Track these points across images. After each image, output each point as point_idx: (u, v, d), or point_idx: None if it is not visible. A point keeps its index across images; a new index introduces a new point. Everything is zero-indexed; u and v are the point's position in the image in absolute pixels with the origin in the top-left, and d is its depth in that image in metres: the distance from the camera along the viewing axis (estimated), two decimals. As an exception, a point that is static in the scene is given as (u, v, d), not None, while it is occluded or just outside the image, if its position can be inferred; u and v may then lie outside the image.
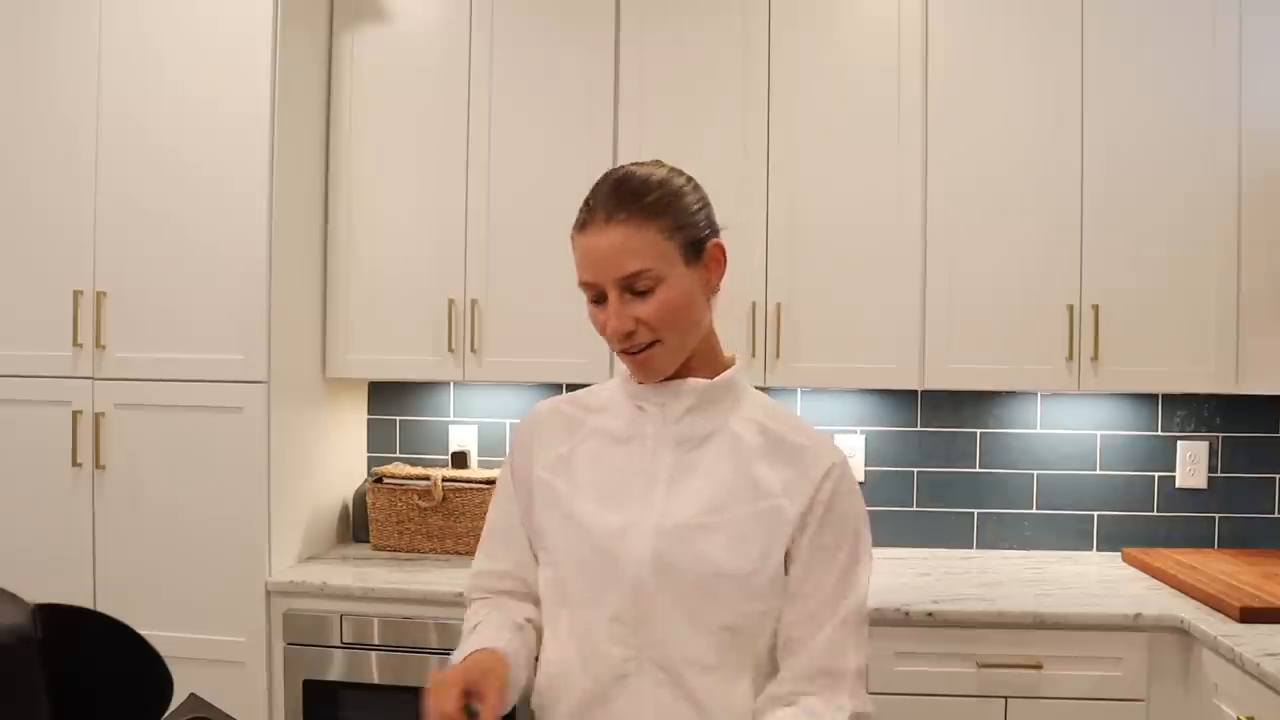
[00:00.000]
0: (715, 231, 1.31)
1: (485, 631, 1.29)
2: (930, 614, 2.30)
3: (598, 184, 1.27)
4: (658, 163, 1.32)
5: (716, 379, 1.30)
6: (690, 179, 1.32)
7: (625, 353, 1.26)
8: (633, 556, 1.24)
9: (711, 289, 1.29)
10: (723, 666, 1.23)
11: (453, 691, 1.13)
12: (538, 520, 1.35)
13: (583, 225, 1.24)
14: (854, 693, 1.21)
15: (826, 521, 1.25)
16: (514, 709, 1.32)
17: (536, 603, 1.37)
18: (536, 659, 1.35)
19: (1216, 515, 2.90)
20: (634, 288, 1.22)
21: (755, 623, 1.24)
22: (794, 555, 1.25)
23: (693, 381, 1.29)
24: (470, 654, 1.22)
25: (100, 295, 2.56)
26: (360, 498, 2.97)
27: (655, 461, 1.28)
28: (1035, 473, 2.94)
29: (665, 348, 1.25)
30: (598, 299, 1.25)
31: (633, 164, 1.31)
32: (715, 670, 1.23)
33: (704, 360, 1.31)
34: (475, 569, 1.42)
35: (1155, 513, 2.92)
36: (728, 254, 1.30)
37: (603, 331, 1.25)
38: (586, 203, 1.26)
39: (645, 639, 1.24)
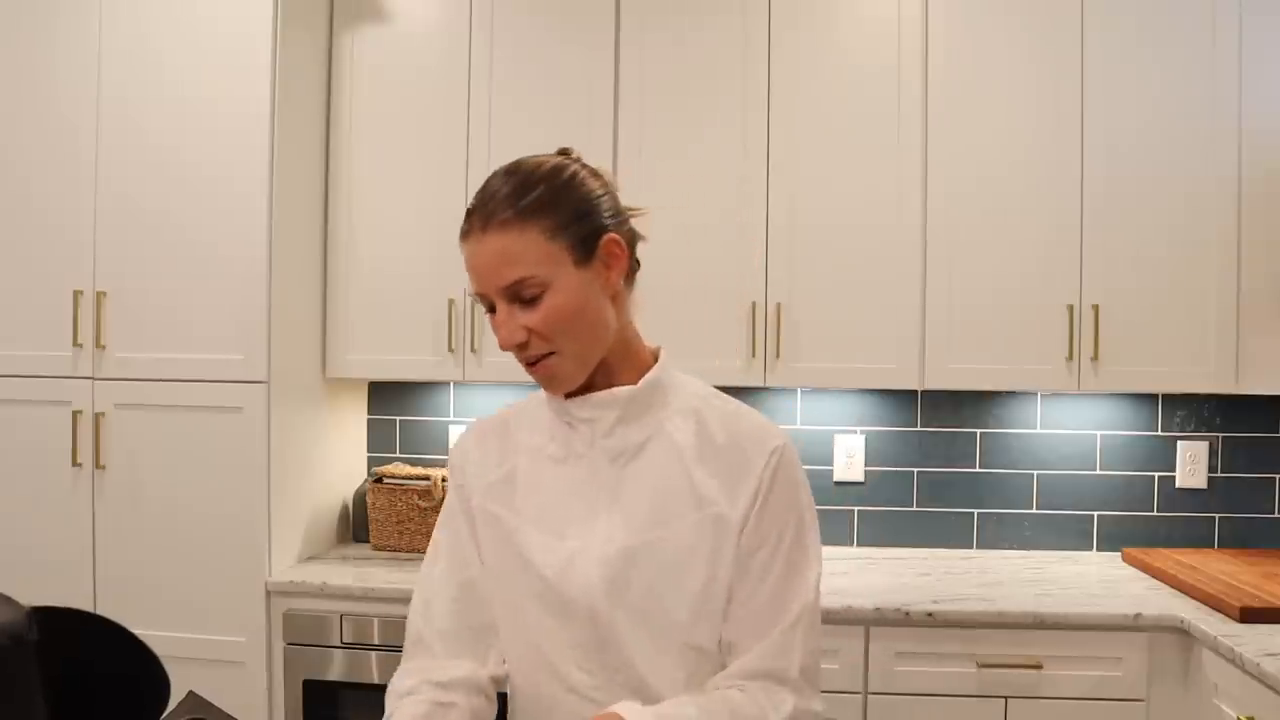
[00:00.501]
0: (621, 223, 1.20)
1: None
2: (930, 614, 2.29)
3: (483, 183, 1.19)
4: (560, 151, 1.23)
5: (640, 384, 1.21)
6: (587, 167, 1.21)
7: (526, 365, 1.19)
8: (582, 584, 1.18)
9: (612, 287, 1.18)
10: (694, 683, 1.18)
11: None
12: (484, 551, 1.26)
13: (464, 233, 1.16)
14: (798, 690, 1.16)
15: (765, 511, 1.18)
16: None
17: (488, 647, 1.25)
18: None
19: (1216, 515, 2.90)
20: (520, 296, 1.13)
21: (714, 635, 1.19)
22: (738, 553, 1.18)
23: (616, 391, 1.20)
24: None
25: (100, 295, 2.56)
26: (360, 498, 2.97)
27: (593, 481, 1.21)
28: (1035, 473, 2.94)
29: (563, 358, 1.16)
30: (490, 308, 1.17)
31: (530, 156, 1.21)
32: (688, 688, 1.18)
33: (624, 362, 1.23)
34: (425, 619, 1.25)
35: (1155, 513, 2.91)
36: (627, 248, 1.20)
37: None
38: (469, 206, 1.17)
39: (610, 664, 1.19)
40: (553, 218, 1.13)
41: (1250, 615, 2.17)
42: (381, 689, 1.23)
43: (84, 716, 0.77)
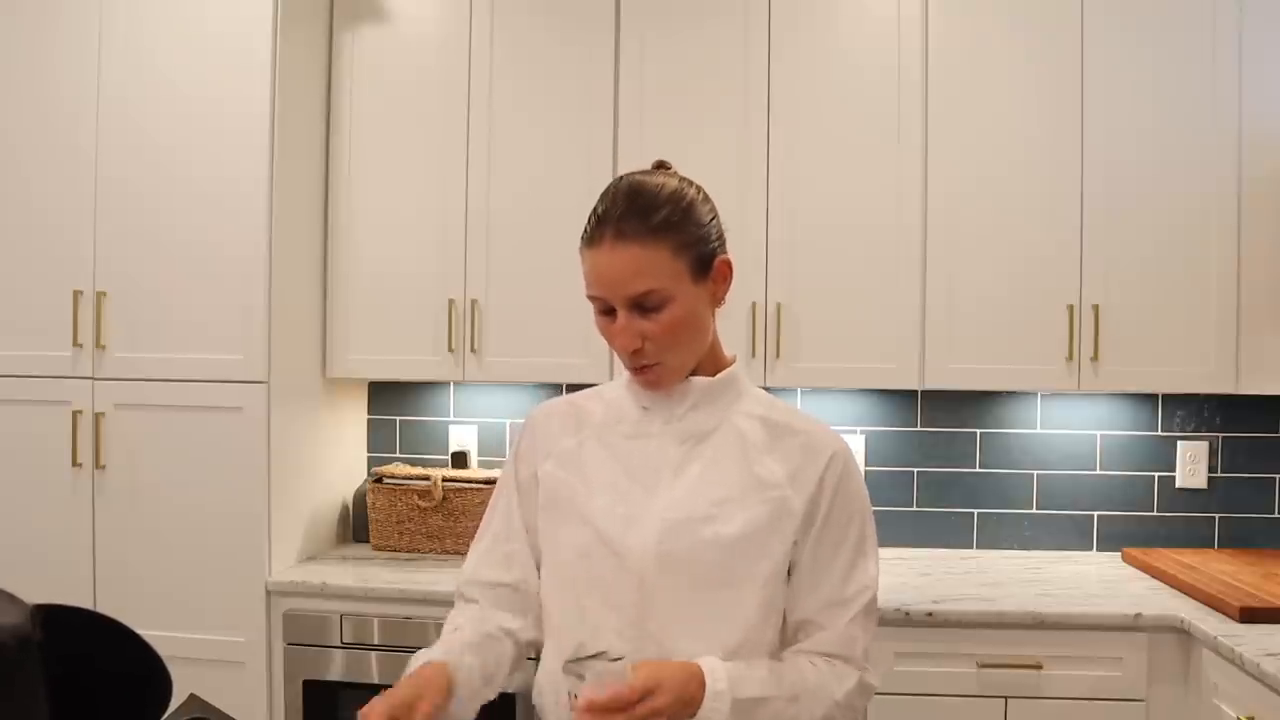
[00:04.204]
0: (723, 244, 1.32)
1: (447, 641, 1.28)
2: (930, 614, 2.30)
3: (608, 194, 1.26)
4: (666, 171, 1.32)
5: (717, 376, 1.33)
6: (700, 189, 1.31)
7: (633, 369, 1.28)
8: (637, 549, 1.25)
9: (717, 302, 1.32)
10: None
11: (378, 712, 1.11)
12: (543, 515, 1.35)
13: (591, 240, 1.24)
14: (861, 668, 1.30)
15: (832, 516, 1.28)
16: (514, 706, 1.33)
17: (527, 610, 1.36)
18: (533, 663, 1.34)
19: (1216, 515, 2.90)
20: (644, 305, 1.23)
21: (758, 619, 1.26)
22: (801, 548, 1.28)
23: (695, 380, 1.31)
24: (415, 670, 1.21)
25: (100, 295, 2.56)
26: (360, 498, 2.97)
27: (661, 457, 1.30)
28: (1035, 473, 2.94)
29: (668, 368, 1.27)
30: (606, 311, 1.26)
31: (642, 173, 1.30)
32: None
33: (707, 361, 1.33)
34: (471, 573, 1.40)
35: (1155, 513, 2.91)
36: (731, 262, 1.32)
37: (611, 344, 1.27)
38: (596, 215, 1.25)
39: (647, 633, 1.23)
40: (678, 237, 1.24)
41: (1250, 615, 2.17)
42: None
43: (86, 716, 0.77)
